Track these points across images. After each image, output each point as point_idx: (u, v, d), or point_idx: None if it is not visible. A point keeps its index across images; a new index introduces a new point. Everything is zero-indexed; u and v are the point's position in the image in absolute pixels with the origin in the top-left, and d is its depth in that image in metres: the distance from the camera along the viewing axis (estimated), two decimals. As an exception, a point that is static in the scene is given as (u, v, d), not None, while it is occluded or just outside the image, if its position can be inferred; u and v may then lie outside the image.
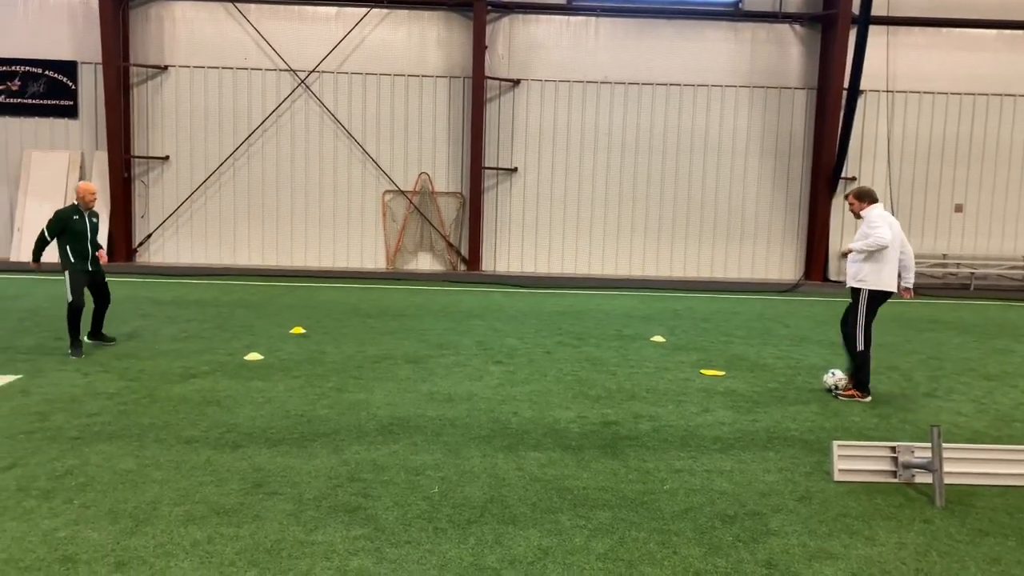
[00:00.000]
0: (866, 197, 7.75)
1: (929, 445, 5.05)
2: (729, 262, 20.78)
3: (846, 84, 19.13)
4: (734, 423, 6.65)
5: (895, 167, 20.47)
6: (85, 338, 9.14)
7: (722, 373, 8.64)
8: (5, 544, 4.01)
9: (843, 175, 20.06)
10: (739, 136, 20.48)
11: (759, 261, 20.74)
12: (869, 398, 7.65)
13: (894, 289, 7.64)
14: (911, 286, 7.93)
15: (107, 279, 9.39)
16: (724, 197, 20.62)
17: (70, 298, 8.75)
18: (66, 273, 8.79)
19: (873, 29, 18.95)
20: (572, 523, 4.46)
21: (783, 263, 20.77)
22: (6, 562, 3.83)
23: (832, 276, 19.92)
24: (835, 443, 5.35)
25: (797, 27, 20.28)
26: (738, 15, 20.12)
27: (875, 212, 7.64)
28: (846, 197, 8.08)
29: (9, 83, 19.61)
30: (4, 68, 19.58)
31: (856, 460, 5.30)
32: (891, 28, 19.90)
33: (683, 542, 4.25)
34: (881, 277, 7.52)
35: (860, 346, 7.61)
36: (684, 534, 4.35)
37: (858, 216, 7.77)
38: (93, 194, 8.96)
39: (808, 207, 20.48)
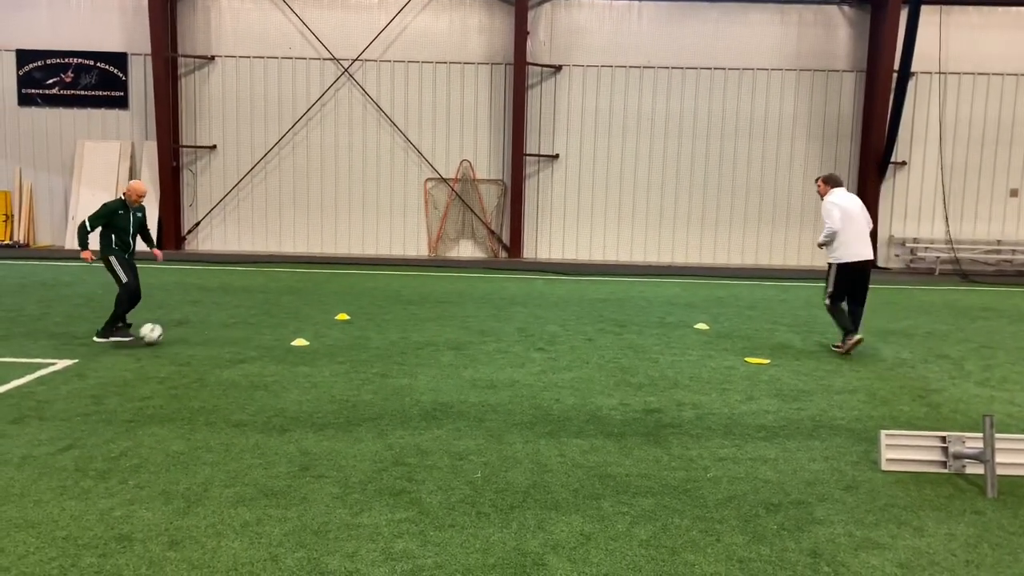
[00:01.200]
0: (831, 182, 8.98)
1: (981, 435, 4.95)
2: (775, 249, 20.50)
3: (896, 66, 18.68)
4: (779, 411, 6.59)
5: (947, 151, 19.97)
6: (95, 337, 8.89)
7: (767, 361, 8.55)
8: (65, 522, 4.16)
9: (893, 159, 19.62)
10: (785, 120, 20.15)
11: (805, 248, 20.42)
12: (853, 338, 8.82)
13: (864, 257, 8.81)
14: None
15: (157, 266, 9.62)
16: (770, 183, 20.32)
17: (124, 279, 8.99)
18: (112, 259, 8.99)
19: (925, 9, 18.47)
20: (614, 509, 4.47)
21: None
22: (66, 539, 3.97)
23: (881, 263, 19.51)
24: (883, 432, 5.27)
25: (846, 8, 19.84)
26: (785, -3, 19.75)
27: (830, 198, 8.80)
28: (816, 181, 9.26)
29: (63, 75, 20.13)
30: (58, 60, 20.10)
31: (905, 450, 5.21)
32: (944, 7, 19.37)
33: (726, 530, 4.23)
34: (848, 250, 8.73)
35: (827, 302, 9.00)
36: (727, 522, 4.33)
37: (821, 196, 9.00)
38: (141, 195, 9.19)
39: (856, 192, 20.05)
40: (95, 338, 8.83)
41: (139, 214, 9.30)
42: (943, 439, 5.19)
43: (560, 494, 4.68)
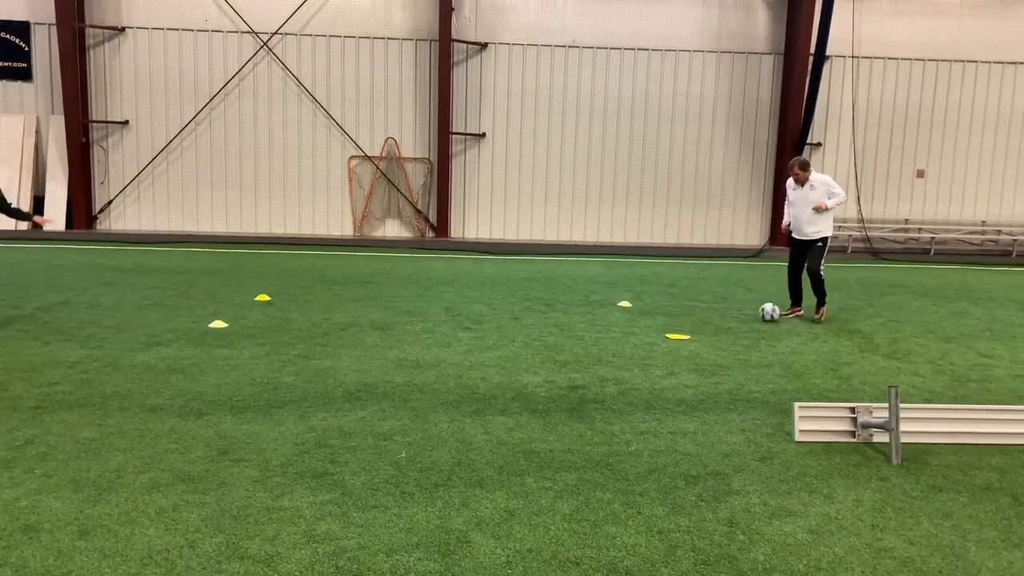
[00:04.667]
0: (808, 166, 9.70)
1: (887, 405, 5.17)
2: (696, 228, 20.94)
3: (812, 49, 19.20)
4: (698, 386, 6.75)
5: (859, 133, 20.68)
6: None
7: (687, 337, 8.75)
8: (-35, 514, 3.96)
9: (809, 141, 20.22)
10: (706, 101, 20.52)
11: (725, 227, 20.93)
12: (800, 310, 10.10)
13: None
14: None
15: (67, 246, 9.11)
16: (691, 163, 20.70)
17: None
18: None
19: (839, -6, 18.99)
20: (538, 485, 4.51)
21: (748, 229, 20.98)
22: (-34, 532, 3.78)
23: (797, 241, 20.12)
24: (796, 404, 5.45)
25: (765, -8, 20.24)
26: (706, -21, 20.04)
27: (820, 175, 9.69)
28: (791, 168, 9.79)
29: (-41, 44, 18.96)
30: (-47, 28, 18.92)
31: (816, 421, 5.41)
32: (857, -7, 19.97)
33: (647, 502, 4.32)
34: (830, 226, 9.81)
35: (823, 272, 9.85)
36: (648, 494, 4.43)
37: (799, 181, 9.66)
38: None
39: (774, 173, 20.66)
40: None
41: None
42: (852, 410, 5.41)
43: (485, 472, 4.69)
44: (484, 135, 20.22)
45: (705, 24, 20.21)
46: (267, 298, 10.47)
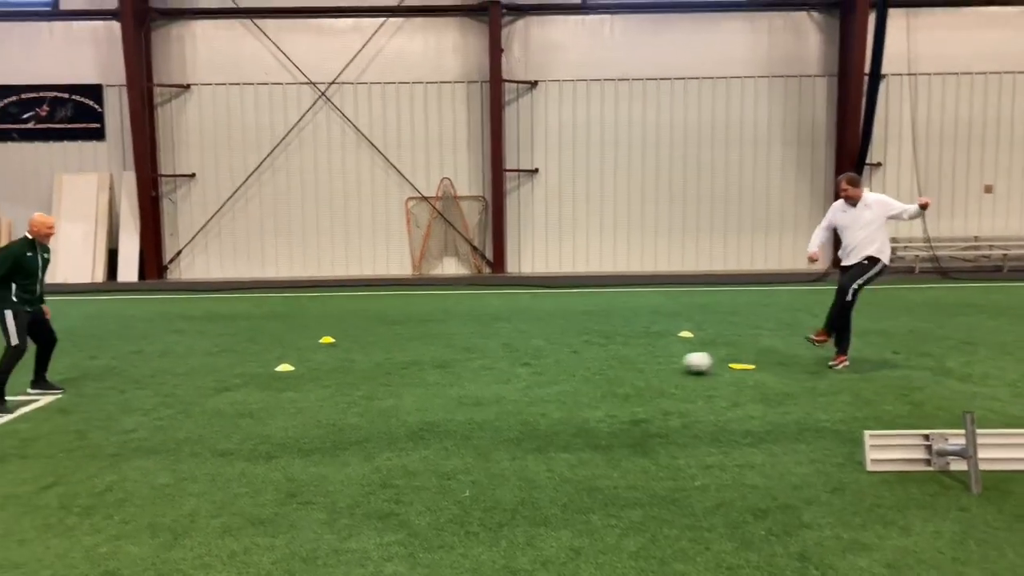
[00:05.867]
0: (859, 181, 8.65)
1: (963, 432, 5.00)
2: (756, 254, 20.66)
3: (867, 69, 18.91)
4: (764, 416, 6.62)
5: (920, 150, 20.22)
6: (28, 388, 7.97)
7: (752, 366, 8.60)
8: (49, 561, 4.12)
9: (868, 161, 19.84)
10: (760, 127, 20.35)
11: (786, 252, 20.59)
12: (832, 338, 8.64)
13: None
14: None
15: (139, 296, 9.46)
16: (748, 189, 20.50)
17: (15, 341, 7.41)
18: (6, 314, 7.39)
19: (893, 12, 18.75)
20: (603, 523, 4.47)
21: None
22: (51, 578, 3.93)
23: (861, 264, 19.65)
24: (867, 433, 5.31)
25: (814, 14, 20.11)
26: (754, 5, 20.02)
27: (875, 194, 8.65)
28: (839, 184, 8.72)
29: (38, 109, 20.06)
30: (32, 95, 20.04)
31: (889, 449, 5.25)
32: (911, 10, 19.67)
33: (715, 538, 4.24)
34: (888, 252, 8.56)
35: (851, 298, 8.35)
36: (716, 530, 4.35)
37: (851, 199, 8.48)
38: (51, 228, 7.80)
39: (833, 195, 20.20)
40: None
41: (46, 255, 7.85)
42: (926, 437, 5.23)
43: (549, 510, 4.68)
44: (537, 170, 20.39)
45: (756, 50, 20.12)
46: (331, 340, 10.67)
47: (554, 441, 6.03)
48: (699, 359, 8.28)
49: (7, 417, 7.02)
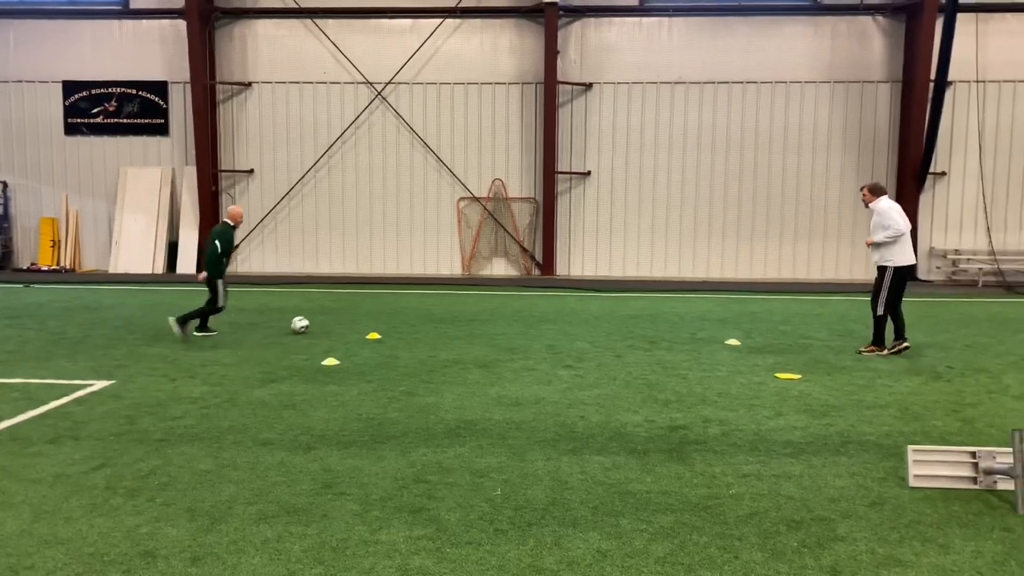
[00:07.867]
0: (877, 191, 9.56)
1: (1012, 450, 4.83)
2: (812, 262, 20.23)
3: (933, 75, 18.38)
4: (807, 427, 6.50)
5: (987, 160, 19.56)
6: (195, 332, 10.64)
7: (798, 376, 8.44)
8: (93, 539, 4.27)
9: (932, 170, 19.28)
10: (820, 132, 19.94)
11: (843, 260, 20.12)
12: (885, 351, 9.47)
13: (914, 261, 9.58)
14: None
15: (197, 288, 10.71)
16: (805, 195, 20.09)
17: (221, 303, 10.54)
18: (219, 283, 10.41)
19: (961, 17, 18.18)
20: (633, 527, 4.45)
21: (868, 262, 20.05)
22: (92, 556, 4.07)
23: (922, 275, 19.12)
24: (910, 447, 5.18)
25: (879, 18, 19.62)
26: (817, 9, 19.62)
27: (884, 203, 9.40)
28: (861, 189, 9.90)
29: (106, 104, 20.74)
30: (101, 90, 20.73)
31: (933, 465, 5.11)
32: (980, 15, 19.05)
33: (745, 547, 4.19)
34: (904, 254, 9.32)
35: (880, 311, 9.41)
36: (747, 539, 4.29)
37: (866, 203, 9.63)
38: (242, 216, 11.01)
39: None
40: (171, 319, 10.38)
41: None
42: (973, 455, 5.08)
43: (579, 511, 4.67)
44: (589, 173, 20.32)
45: (817, 54, 19.71)
46: (377, 336, 10.81)
47: (590, 443, 6.02)
48: (298, 321, 10.76)
49: (66, 399, 7.28)
